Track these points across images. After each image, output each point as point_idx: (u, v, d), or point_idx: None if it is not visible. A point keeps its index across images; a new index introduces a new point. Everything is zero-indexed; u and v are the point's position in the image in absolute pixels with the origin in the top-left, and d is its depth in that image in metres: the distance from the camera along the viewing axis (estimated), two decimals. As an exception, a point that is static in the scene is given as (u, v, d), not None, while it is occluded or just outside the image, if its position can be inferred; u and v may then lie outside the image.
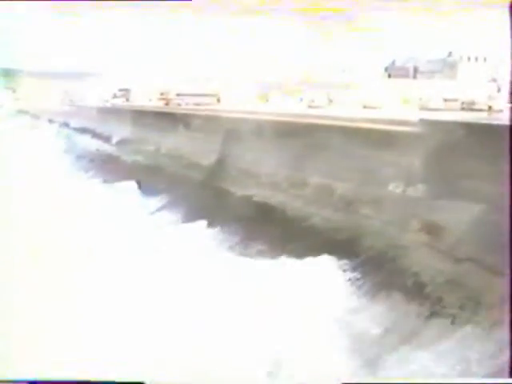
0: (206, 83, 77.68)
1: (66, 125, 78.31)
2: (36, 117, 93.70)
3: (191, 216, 32.78)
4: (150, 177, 42.88)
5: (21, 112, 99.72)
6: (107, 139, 59.28)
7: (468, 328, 16.96)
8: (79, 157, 58.55)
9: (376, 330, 18.89)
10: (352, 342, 18.70)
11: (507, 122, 22.29)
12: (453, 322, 17.61)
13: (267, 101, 67.26)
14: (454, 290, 18.63)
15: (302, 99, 67.32)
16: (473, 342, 16.40)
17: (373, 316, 19.56)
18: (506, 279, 17.63)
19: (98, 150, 58.64)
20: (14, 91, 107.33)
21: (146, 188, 41.32)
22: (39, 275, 24.54)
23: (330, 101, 63.18)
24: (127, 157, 50.68)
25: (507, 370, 15.23)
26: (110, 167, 49.53)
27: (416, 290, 19.62)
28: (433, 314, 18.44)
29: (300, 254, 25.00)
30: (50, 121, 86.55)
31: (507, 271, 17.75)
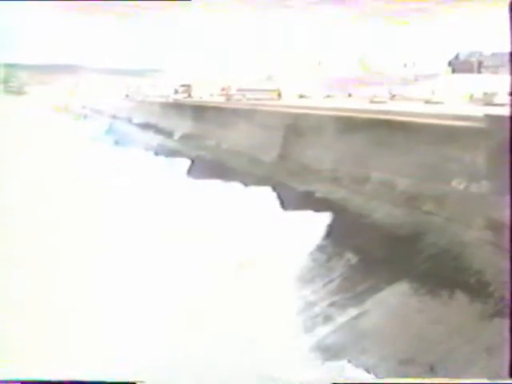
0: (267, 78, 77.61)
1: (129, 120, 79.23)
2: (99, 112, 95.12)
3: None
4: (212, 171, 43.14)
5: (84, 108, 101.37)
6: (169, 134, 59.81)
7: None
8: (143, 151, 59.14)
9: (438, 329, 18.74)
10: (413, 342, 18.60)
11: None
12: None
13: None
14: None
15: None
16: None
17: (435, 315, 19.39)
18: None
19: (160, 145, 59.22)
20: (77, 87, 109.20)
21: (207, 182, 41.64)
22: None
23: (393, 96, 62.60)
24: (189, 152, 51.03)
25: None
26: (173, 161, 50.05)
27: (479, 289, 19.36)
28: (496, 313, 18.17)
29: (360, 249, 24.96)
30: (113, 116, 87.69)
31: None
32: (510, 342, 15.85)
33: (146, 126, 68.43)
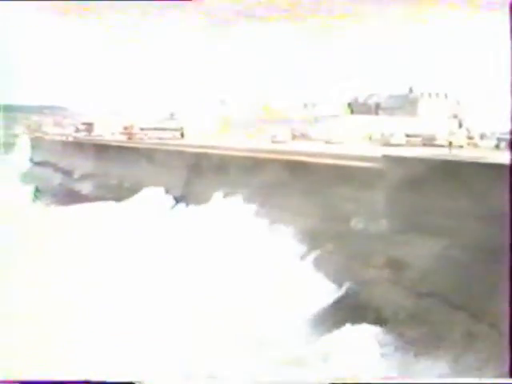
0: (170, 117, 77.42)
1: (30, 159, 77.67)
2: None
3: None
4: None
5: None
6: (69, 173, 58.76)
7: (429, 362, 16.96)
8: (41, 191, 57.86)
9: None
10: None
11: (467, 158, 22.73)
12: (416, 356, 17.58)
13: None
14: (415, 326, 18.67)
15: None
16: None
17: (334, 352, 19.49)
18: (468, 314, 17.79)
19: (60, 184, 58.12)
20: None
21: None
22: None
23: (294, 136, 63.61)
24: (89, 191, 50.26)
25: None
26: (71, 201, 49.06)
27: (378, 326, 19.60)
28: (396, 349, 18.42)
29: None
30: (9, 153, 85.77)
31: (469, 307, 17.91)
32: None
33: (45, 165, 67.20)
